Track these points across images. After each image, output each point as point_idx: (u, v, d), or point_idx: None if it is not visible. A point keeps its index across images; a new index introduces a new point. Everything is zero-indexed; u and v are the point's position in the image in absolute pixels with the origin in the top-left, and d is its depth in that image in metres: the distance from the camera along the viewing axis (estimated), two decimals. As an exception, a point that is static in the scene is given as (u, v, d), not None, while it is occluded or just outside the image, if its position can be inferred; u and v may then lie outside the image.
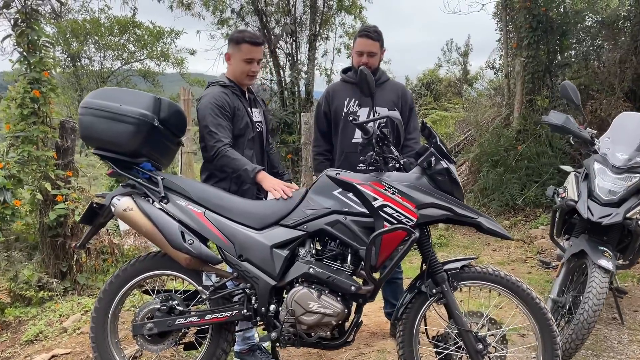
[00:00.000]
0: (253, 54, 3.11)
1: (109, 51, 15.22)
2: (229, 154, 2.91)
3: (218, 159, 2.93)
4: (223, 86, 3.12)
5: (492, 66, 17.52)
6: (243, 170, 2.88)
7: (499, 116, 9.70)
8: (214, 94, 3.04)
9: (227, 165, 2.93)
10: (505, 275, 2.59)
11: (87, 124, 2.67)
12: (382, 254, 2.53)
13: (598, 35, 9.19)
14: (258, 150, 3.33)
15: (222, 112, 3.01)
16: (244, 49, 3.09)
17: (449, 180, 2.60)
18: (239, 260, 2.62)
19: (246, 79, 3.19)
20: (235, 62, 3.15)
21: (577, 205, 3.26)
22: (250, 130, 3.19)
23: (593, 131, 3.64)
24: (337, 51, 13.17)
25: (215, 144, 2.93)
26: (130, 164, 2.76)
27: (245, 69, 3.14)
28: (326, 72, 13.22)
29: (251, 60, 3.12)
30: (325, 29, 12.47)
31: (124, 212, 2.63)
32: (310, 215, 2.63)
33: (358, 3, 12.76)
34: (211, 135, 2.96)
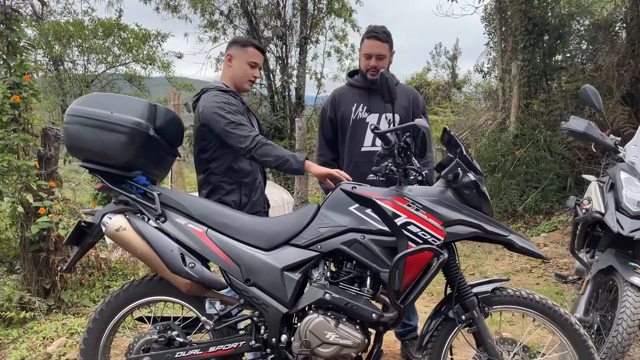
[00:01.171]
0: (258, 58, 3.01)
1: (93, 54, 14.81)
2: (269, 142, 2.68)
3: (257, 148, 2.64)
4: (223, 91, 2.89)
5: (480, 70, 17.49)
6: (290, 156, 2.63)
7: (495, 120, 9.53)
8: (220, 97, 2.80)
9: (269, 154, 2.64)
10: (541, 298, 2.36)
11: (74, 134, 2.39)
12: (406, 277, 2.29)
13: (594, 38, 9.08)
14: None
15: (237, 110, 2.78)
16: (250, 52, 2.97)
17: (477, 194, 2.36)
18: (246, 285, 2.35)
19: (246, 84, 3.04)
20: (238, 64, 2.97)
21: (605, 217, 3.04)
22: None
23: (617, 138, 3.43)
24: (327, 55, 12.99)
25: (250, 133, 2.66)
26: (122, 178, 2.48)
27: (249, 72, 2.99)
28: (316, 76, 13.02)
29: (255, 64, 3.00)
30: (315, 32, 12.26)
31: (117, 232, 2.35)
32: (325, 234, 2.37)
33: (348, 6, 12.58)
34: (240, 128, 2.68)
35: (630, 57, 8.22)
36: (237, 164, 2.89)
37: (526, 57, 8.96)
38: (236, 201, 2.88)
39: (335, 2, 12.01)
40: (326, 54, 12.71)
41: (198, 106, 2.87)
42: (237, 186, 2.92)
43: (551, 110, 8.98)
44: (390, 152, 2.33)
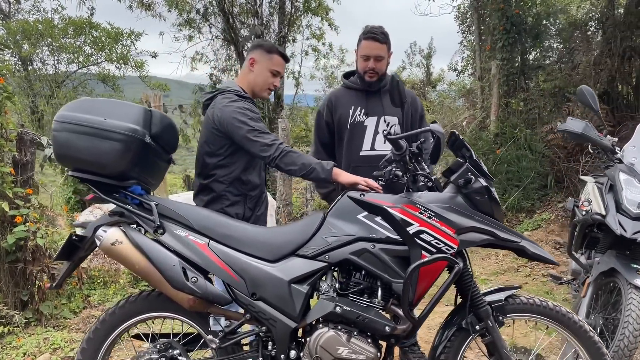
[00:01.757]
0: (281, 67, 2.91)
1: (64, 54, 14.34)
2: (294, 150, 2.56)
3: (282, 156, 2.52)
4: (240, 96, 2.75)
5: (454, 68, 17.61)
6: (317, 164, 2.50)
7: (475, 119, 9.57)
8: (240, 102, 2.68)
9: (294, 163, 2.51)
10: (554, 306, 2.31)
11: (64, 142, 2.23)
12: (419, 288, 2.21)
13: (570, 37, 9.18)
14: (263, 171, 3.02)
15: (259, 119, 2.68)
16: (276, 60, 2.85)
17: (489, 199, 2.30)
18: (252, 300, 2.24)
19: (265, 92, 2.92)
20: (260, 70, 2.85)
21: (607, 220, 3.02)
22: None
23: (614, 139, 3.42)
24: (304, 54, 12.90)
25: (274, 142, 2.55)
26: (116, 188, 2.34)
27: (270, 81, 2.88)
28: (294, 75, 12.91)
29: (277, 73, 2.89)
30: (292, 31, 12.15)
31: (112, 246, 2.21)
32: (333, 244, 2.27)
33: (325, 4, 12.50)
34: (263, 136, 2.56)
35: (607, 56, 8.33)
36: (245, 175, 2.78)
37: (505, 56, 9.01)
38: (239, 214, 2.76)
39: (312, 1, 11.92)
40: (304, 52, 12.61)
41: (212, 108, 2.74)
42: (242, 198, 2.80)
43: (530, 109, 9.05)
44: (401, 157, 2.24)
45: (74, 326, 4.36)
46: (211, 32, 11.43)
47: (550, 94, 8.94)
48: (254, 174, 2.83)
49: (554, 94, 8.92)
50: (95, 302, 4.89)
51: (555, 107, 8.79)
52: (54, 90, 13.26)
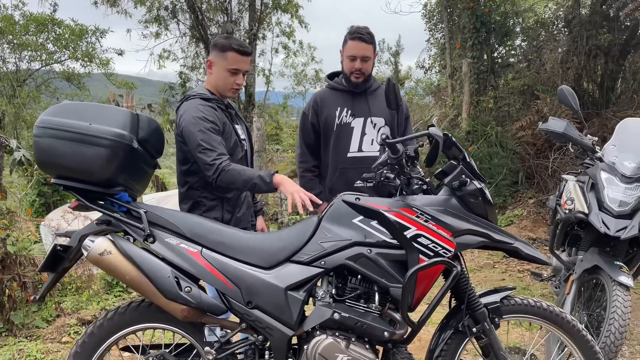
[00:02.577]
0: (240, 64, 2.70)
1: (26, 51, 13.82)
2: (234, 167, 2.47)
3: (221, 177, 2.46)
4: (205, 99, 2.67)
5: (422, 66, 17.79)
6: (257, 178, 2.42)
7: (446, 117, 9.67)
8: (198, 108, 2.60)
9: (235, 181, 2.46)
10: (548, 306, 2.33)
11: (46, 148, 2.13)
12: (417, 292, 2.19)
13: (538, 36, 9.37)
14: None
15: (214, 128, 2.58)
16: (230, 58, 2.67)
17: (483, 201, 2.30)
18: (248, 308, 2.18)
19: (229, 92, 2.77)
20: (218, 72, 2.72)
21: (590, 218, 3.08)
22: (240, 149, 2.80)
23: (594, 138, 3.49)
24: (274, 51, 12.81)
25: (214, 161, 2.47)
26: (102, 195, 2.25)
27: (229, 81, 2.72)
28: (264, 73, 12.81)
29: (237, 71, 2.71)
30: (261, 29, 12.04)
31: (101, 256, 2.12)
32: (328, 249, 2.23)
33: (294, 1, 12.42)
34: (206, 153, 2.49)
35: (573, 55, 8.53)
36: None
37: (475, 54, 9.14)
38: (218, 218, 2.68)
39: (281, -2, 11.84)
40: (274, 50, 12.53)
41: (178, 114, 2.67)
42: (218, 202, 2.72)
43: (499, 107, 9.20)
44: (398, 161, 2.22)
45: (48, 336, 4.20)
46: (179, 29, 11.23)
47: (519, 92, 9.11)
48: None
49: (523, 91, 9.09)
50: (68, 310, 4.73)
51: (524, 104, 8.96)
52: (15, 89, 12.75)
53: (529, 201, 7.78)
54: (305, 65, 18.42)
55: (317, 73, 19.69)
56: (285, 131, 18.32)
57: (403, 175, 2.30)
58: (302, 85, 20.91)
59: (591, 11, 8.57)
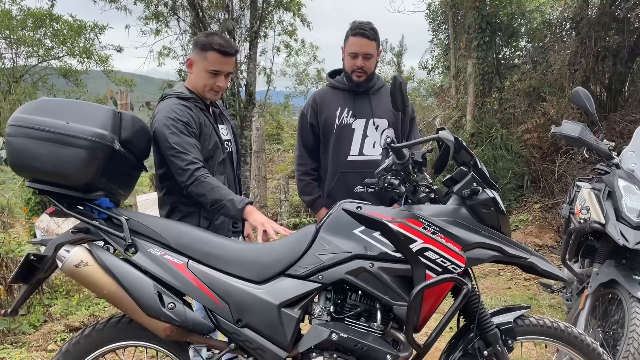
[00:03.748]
0: (220, 65, 2.50)
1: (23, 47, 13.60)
2: (210, 181, 2.32)
3: (193, 186, 2.32)
4: (182, 98, 2.51)
5: (424, 66, 17.60)
6: (229, 201, 2.27)
7: (450, 119, 9.48)
8: (172, 108, 2.44)
9: (205, 195, 2.32)
10: (565, 327, 2.14)
11: (20, 149, 1.94)
12: (423, 311, 2.00)
13: (545, 37, 9.17)
14: (230, 175, 2.74)
15: (187, 129, 2.41)
16: (210, 58, 2.48)
17: (496, 211, 2.11)
18: (237, 327, 1.99)
19: (209, 94, 2.58)
20: (197, 72, 2.53)
21: (608, 229, 2.88)
22: (220, 151, 2.62)
23: (610, 143, 3.29)
24: (276, 50, 12.62)
25: (189, 167, 2.32)
26: (80, 200, 2.06)
27: (209, 83, 2.52)
28: (265, 72, 12.63)
29: (217, 72, 2.51)
30: (263, 27, 11.85)
31: (77, 268, 1.93)
32: (326, 262, 2.04)
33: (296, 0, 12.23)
34: (180, 156, 2.34)
35: (581, 56, 8.31)
36: None
37: (480, 55, 8.95)
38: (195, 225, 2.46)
39: (284, -5, 11.64)
40: (275, 49, 12.34)
41: (152, 114, 2.52)
42: (196, 209, 2.53)
43: (504, 109, 9.01)
44: (404, 167, 2.03)
45: (34, 343, 4.02)
46: (179, 26, 11.03)
47: (525, 94, 8.91)
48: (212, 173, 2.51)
49: (529, 93, 8.89)
50: (57, 315, 4.54)
51: (530, 106, 8.77)
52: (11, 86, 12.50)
53: (535, 206, 7.58)
54: (307, 64, 18.23)
55: (319, 73, 19.51)
56: (286, 131, 18.13)
57: (409, 182, 2.11)
58: (304, 84, 20.73)
59: (599, 12, 8.36)
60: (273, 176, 12.23)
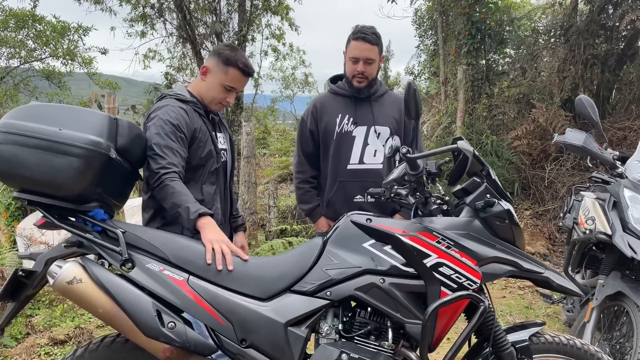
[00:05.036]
0: (238, 83, 2.47)
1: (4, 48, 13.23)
2: (174, 185, 2.15)
3: (157, 190, 2.17)
4: (182, 101, 2.40)
5: (411, 72, 17.62)
6: (184, 209, 2.10)
7: (440, 125, 9.45)
8: (168, 109, 2.32)
9: (166, 199, 2.16)
10: (582, 344, 2.07)
11: (8, 157, 1.81)
12: (437, 330, 1.91)
13: (534, 44, 9.20)
14: (222, 186, 2.61)
15: (174, 133, 2.27)
16: (231, 75, 2.41)
17: (510, 224, 2.03)
18: (242, 347, 1.88)
19: (215, 106, 2.51)
20: (212, 83, 2.44)
21: (615, 240, 2.82)
22: (214, 160, 2.50)
23: (615, 152, 3.24)
24: (264, 54, 12.51)
25: (159, 170, 2.17)
26: (73, 212, 1.93)
27: (219, 96, 2.46)
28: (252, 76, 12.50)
29: (232, 89, 2.46)
30: (251, 30, 11.74)
31: (70, 285, 1.80)
32: (335, 277, 1.95)
33: (285, 3, 12.14)
34: (155, 159, 2.19)
35: (570, 64, 8.35)
36: None
37: (470, 61, 8.93)
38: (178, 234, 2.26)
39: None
40: (263, 52, 12.22)
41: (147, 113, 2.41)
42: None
43: (494, 115, 9.00)
44: (417, 178, 1.94)
45: (17, 357, 3.84)
46: (166, 28, 10.87)
47: (515, 101, 8.92)
48: (194, 186, 2.39)
49: (518, 100, 8.90)
50: (40, 327, 4.36)
51: (520, 113, 8.77)
52: (-11, 88, 12.21)
53: (525, 212, 7.55)
54: (294, 68, 18.13)
55: (306, 77, 19.42)
56: (273, 135, 18.00)
57: (421, 194, 2.01)
58: (290, 89, 20.61)
59: (588, 20, 8.41)
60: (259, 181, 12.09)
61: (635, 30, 7.84)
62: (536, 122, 8.22)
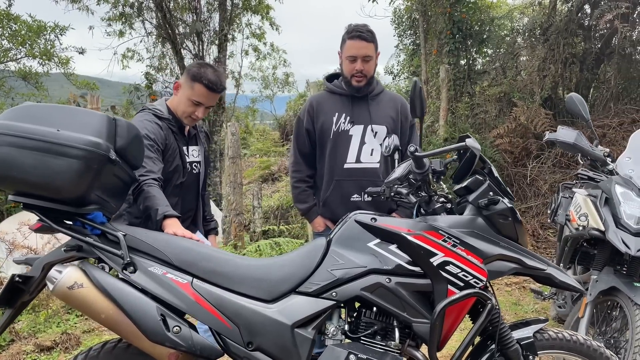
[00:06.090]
0: (204, 99, 2.59)
1: (-23, 48, 12.91)
2: (149, 190, 2.30)
3: (137, 194, 2.32)
4: (158, 117, 2.58)
5: (390, 71, 17.69)
6: (152, 210, 2.25)
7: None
8: (146, 124, 2.51)
9: (142, 203, 2.31)
10: (585, 340, 2.08)
11: (4, 159, 1.74)
12: (445, 328, 1.90)
13: (514, 43, 9.31)
14: (192, 196, 2.77)
15: (152, 146, 2.45)
16: (197, 90, 2.56)
17: (513, 222, 2.04)
18: (248, 350, 1.85)
19: (185, 120, 2.66)
20: (181, 98, 2.62)
21: (608, 236, 2.85)
22: (180, 175, 2.66)
23: (605, 149, 3.28)
24: (244, 53, 12.43)
25: (139, 178, 2.27)
26: (71, 215, 1.87)
27: (188, 110, 2.61)
28: (233, 75, 12.43)
29: (199, 104, 2.60)
30: (231, 30, 11.65)
31: (71, 290, 1.75)
32: (340, 278, 1.92)
33: (265, 3, 12.08)
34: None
35: (550, 62, 8.47)
36: None
37: (451, 60, 9.00)
38: None
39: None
40: (244, 52, 12.15)
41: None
42: (142, 221, 2.44)
43: (476, 114, 9.08)
44: (423, 177, 1.93)
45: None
46: (145, 27, 10.72)
47: (496, 99, 9.01)
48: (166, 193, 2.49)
49: (500, 99, 8.99)
50: (24, 333, 4.26)
51: (501, 112, 8.87)
52: (-35, 89, 11.84)
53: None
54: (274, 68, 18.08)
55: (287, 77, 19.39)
56: (253, 135, 17.91)
57: (426, 192, 2.01)
58: (270, 88, 20.54)
59: (567, 19, 8.54)
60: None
61: (613, 29, 7.98)
62: (517, 120, 8.31)
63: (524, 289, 5.14)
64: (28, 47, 12.86)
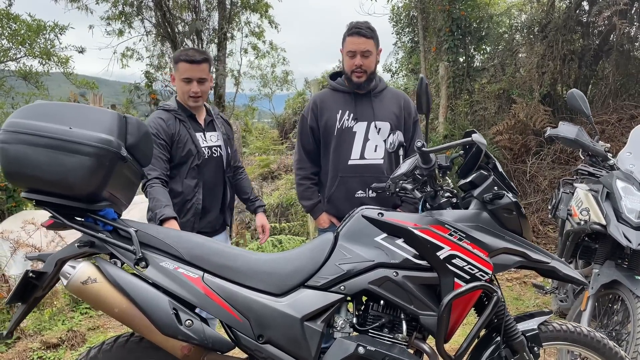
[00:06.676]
0: (190, 72, 2.83)
1: (-23, 48, 12.88)
2: (151, 192, 2.62)
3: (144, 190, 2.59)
4: (166, 110, 2.85)
5: (388, 69, 17.71)
6: (153, 213, 2.57)
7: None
8: (148, 121, 2.80)
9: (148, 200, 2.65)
10: (588, 332, 2.12)
11: (16, 156, 1.77)
12: (452, 321, 1.94)
13: (513, 40, 9.34)
14: (216, 176, 2.91)
15: (154, 141, 2.68)
16: (181, 68, 2.84)
17: (518, 216, 2.07)
18: (259, 343, 1.88)
19: (189, 101, 2.88)
20: (177, 84, 2.91)
21: (610, 230, 2.89)
22: (195, 158, 2.84)
23: (606, 145, 3.32)
24: (244, 51, 12.44)
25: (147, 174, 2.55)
26: (82, 212, 1.90)
27: (185, 89, 2.85)
28: (232, 74, 12.43)
29: (189, 80, 2.83)
30: (230, 28, 11.67)
31: (84, 285, 1.78)
32: (348, 272, 1.96)
33: (264, 1, 12.08)
34: None
35: (549, 59, 8.50)
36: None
37: (450, 57, 9.03)
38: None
39: (250, -4, 11.47)
40: (243, 50, 12.16)
41: None
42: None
43: (475, 111, 9.12)
44: (430, 172, 1.96)
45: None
46: (144, 26, 10.73)
47: (495, 96, 9.04)
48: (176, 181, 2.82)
49: (499, 96, 9.02)
50: (30, 331, 4.28)
51: (500, 109, 8.90)
52: (-35, 89, 11.83)
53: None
54: (273, 66, 18.07)
55: (286, 75, 19.39)
56: (253, 133, 17.92)
57: (432, 187, 2.04)
58: (269, 87, 20.53)
59: (566, 16, 8.58)
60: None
61: (611, 26, 8.02)
62: (516, 117, 8.34)
63: (525, 284, 5.18)
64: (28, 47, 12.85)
